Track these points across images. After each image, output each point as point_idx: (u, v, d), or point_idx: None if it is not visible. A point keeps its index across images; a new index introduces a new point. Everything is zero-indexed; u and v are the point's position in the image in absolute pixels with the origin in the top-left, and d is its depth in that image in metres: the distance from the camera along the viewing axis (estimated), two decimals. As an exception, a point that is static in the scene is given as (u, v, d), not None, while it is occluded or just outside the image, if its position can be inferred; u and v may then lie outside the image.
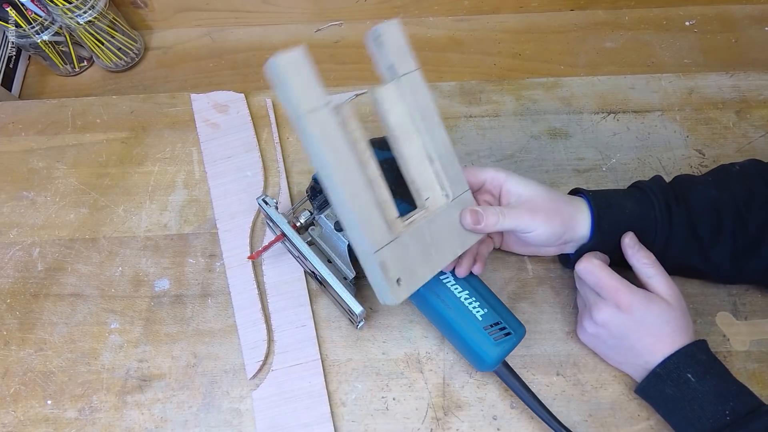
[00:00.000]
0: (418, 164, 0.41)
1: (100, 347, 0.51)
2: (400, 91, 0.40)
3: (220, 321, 0.52)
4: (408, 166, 0.41)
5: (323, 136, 0.34)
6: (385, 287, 0.37)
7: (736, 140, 0.59)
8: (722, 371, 0.43)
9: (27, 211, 0.58)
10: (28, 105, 0.65)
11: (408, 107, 0.41)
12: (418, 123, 0.41)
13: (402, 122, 0.40)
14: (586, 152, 0.59)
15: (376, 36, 0.39)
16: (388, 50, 0.39)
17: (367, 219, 0.36)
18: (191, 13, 0.72)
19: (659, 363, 0.43)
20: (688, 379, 0.42)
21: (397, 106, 0.40)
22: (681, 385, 0.42)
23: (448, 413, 0.47)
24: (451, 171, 0.43)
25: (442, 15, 0.73)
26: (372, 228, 0.37)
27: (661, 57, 0.69)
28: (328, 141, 0.35)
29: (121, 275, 0.54)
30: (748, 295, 0.51)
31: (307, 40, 0.73)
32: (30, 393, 0.49)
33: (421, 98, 0.41)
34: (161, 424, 0.48)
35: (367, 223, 0.36)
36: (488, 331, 0.43)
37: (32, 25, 0.64)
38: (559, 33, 0.72)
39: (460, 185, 0.43)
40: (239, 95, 0.63)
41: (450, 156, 0.43)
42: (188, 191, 0.59)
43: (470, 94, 0.63)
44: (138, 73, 0.72)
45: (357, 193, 0.36)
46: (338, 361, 0.50)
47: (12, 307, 0.53)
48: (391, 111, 0.40)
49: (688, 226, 0.45)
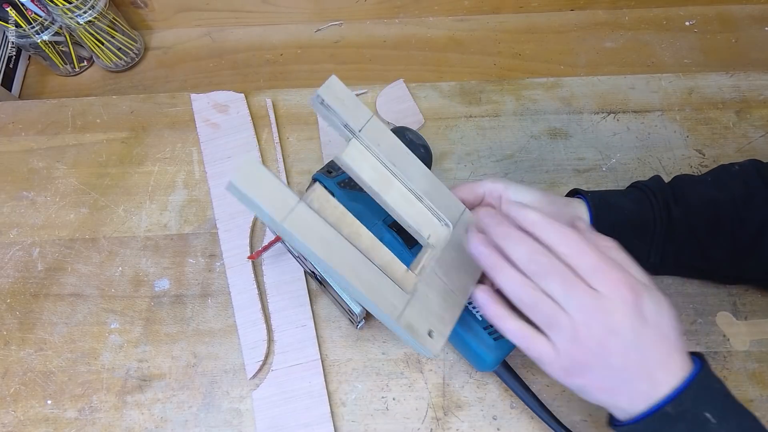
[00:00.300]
0: (409, 207, 0.41)
1: (100, 347, 0.51)
2: (364, 145, 0.39)
3: (220, 321, 0.52)
4: (399, 213, 0.40)
5: (308, 233, 0.34)
6: (420, 345, 0.37)
7: (736, 140, 0.59)
8: (737, 404, 0.34)
9: (27, 211, 0.58)
10: (28, 105, 0.65)
11: (376, 157, 0.40)
12: (392, 168, 0.40)
13: (376, 175, 0.40)
14: (586, 152, 0.59)
15: (319, 101, 0.38)
16: (336, 111, 0.38)
17: (378, 291, 0.36)
18: (191, 13, 0.72)
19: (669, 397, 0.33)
20: (706, 420, 0.32)
21: (366, 162, 0.39)
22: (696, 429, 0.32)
23: (448, 413, 0.47)
24: (441, 199, 0.42)
25: (442, 15, 0.73)
26: (386, 297, 0.36)
27: (661, 57, 0.69)
28: (314, 235, 0.34)
29: (121, 275, 0.54)
30: (748, 295, 0.51)
31: (307, 40, 0.73)
32: (30, 393, 0.49)
33: (385, 142, 0.40)
34: (161, 424, 0.48)
35: (380, 295, 0.36)
36: (488, 331, 0.43)
37: (32, 25, 0.64)
38: (559, 33, 0.72)
39: (455, 208, 0.42)
40: (239, 95, 0.63)
41: (435, 185, 0.42)
42: (188, 191, 0.59)
43: (470, 94, 0.63)
44: (138, 73, 0.72)
45: (360, 272, 0.35)
46: (338, 361, 0.50)
47: (12, 307, 0.53)
48: (362, 170, 0.39)
49: (687, 225, 0.45)
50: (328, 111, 0.38)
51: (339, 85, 0.38)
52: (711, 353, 0.48)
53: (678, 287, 0.51)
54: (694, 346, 0.48)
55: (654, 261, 0.47)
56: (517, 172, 0.58)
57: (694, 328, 0.49)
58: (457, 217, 0.42)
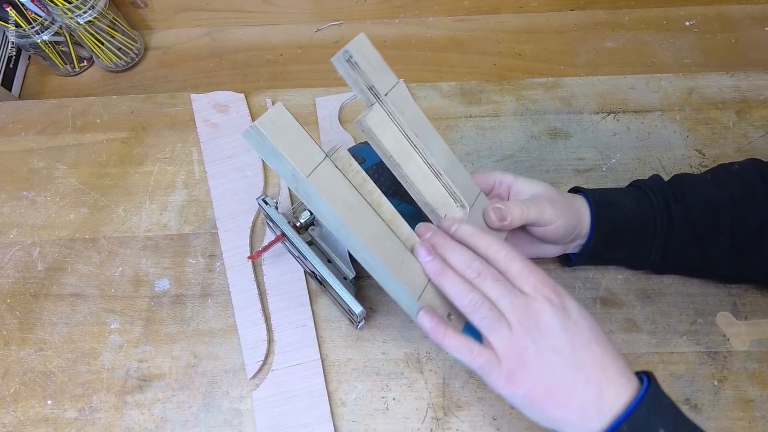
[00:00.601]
0: (427, 184, 0.39)
1: (100, 347, 0.51)
2: (387, 111, 0.37)
3: (220, 321, 0.52)
4: (417, 188, 0.38)
5: (332, 194, 0.31)
6: None
7: (736, 140, 0.59)
8: (688, 420, 0.34)
9: (27, 211, 0.58)
10: (28, 105, 0.65)
11: (399, 126, 0.38)
12: (414, 140, 0.38)
13: (398, 146, 0.37)
14: (586, 152, 0.59)
15: (346, 57, 0.35)
16: (363, 70, 0.35)
17: (400, 267, 0.34)
18: (191, 13, 0.72)
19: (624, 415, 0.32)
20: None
21: (388, 130, 0.37)
22: None
23: (448, 413, 0.47)
24: (459, 179, 0.40)
25: (442, 15, 0.73)
26: (408, 274, 0.35)
27: (661, 57, 0.69)
28: (339, 197, 0.31)
29: (121, 275, 0.54)
30: (748, 295, 0.51)
31: (307, 40, 0.73)
32: (30, 393, 0.49)
33: (409, 112, 0.38)
34: (161, 424, 0.48)
35: (402, 272, 0.34)
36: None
37: (32, 25, 0.64)
38: (559, 33, 0.72)
39: (472, 191, 0.41)
40: (239, 95, 0.63)
41: (454, 164, 0.40)
42: (188, 191, 0.59)
43: (470, 94, 0.63)
44: (138, 73, 0.72)
45: (383, 243, 0.33)
46: (338, 361, 0.50)
47: (12, 307, 0.53)
48: (383, 137, 0.36)
49: (687, 223, 0.45)
50: (355, 70, 0.35)
51: (367, 44, 0.36)
52: (711, 353, 0.48)
53: (678, 287, 0.51)
54: (694, 346, 0.48)
55: (655, 259, 0.47)
56: (517, 172, 0.58)
57: (694, 328, 0.49)
58: (473, 200, 0.41)
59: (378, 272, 0.35)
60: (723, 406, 0.46)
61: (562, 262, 0.52)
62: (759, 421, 0.45)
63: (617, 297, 0.51)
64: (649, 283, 0.51)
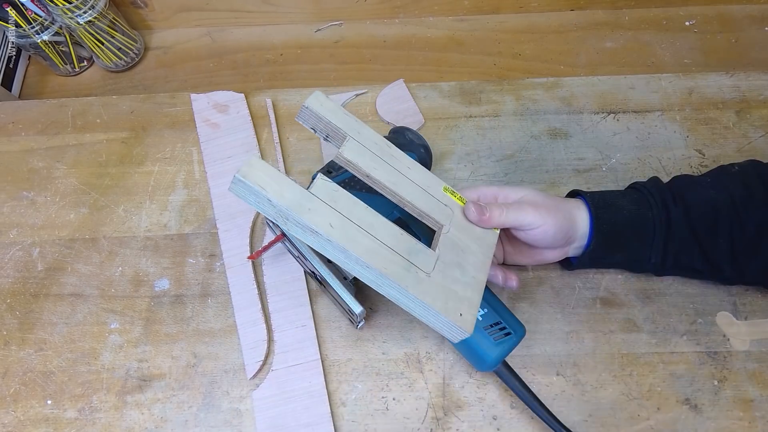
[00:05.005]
0: (420, 197, 0.42)
1: (100, 347, 0.51)
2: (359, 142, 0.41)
3: (220, 321, 0.52)
4: (414, 204, 0.41)
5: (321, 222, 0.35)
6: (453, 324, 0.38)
7: (736, 140, 0.59)
8: None
9: (27, 211, 0.58)
10: (28, 105, 0.65)
11: (371, 154, 0.41)
12: (388, 159, 0.42)
13: (383, 173, 0.41)
14: (586, 152, 0.59)
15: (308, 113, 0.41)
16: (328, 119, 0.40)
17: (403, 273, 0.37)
18: (191, 13, 0.72)
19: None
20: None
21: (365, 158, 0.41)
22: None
23: (448, 413, 0.47)
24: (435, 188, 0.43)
25: (442, 15, 0.73)
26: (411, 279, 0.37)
27: (661, 57, 0.69)
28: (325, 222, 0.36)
29: (121, 275, 0.54)
30: (748, 295, 0.51)
31: (307, 40, 0.73)
32: (30, 393, 0.49)
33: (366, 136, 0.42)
34: (161, 424, 0.48)
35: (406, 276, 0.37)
36: (488, 330, 0.43)
37: (32, 25, 0.64)
38: (559, 33, 0.72)
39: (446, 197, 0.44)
40: (239, 95, 0.63)
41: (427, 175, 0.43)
42: (188, 191, 0.59)
43: (470, 94, 0.63)
44: (138, 73, 0.72)
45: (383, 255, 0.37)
46: (338, 361, 0.50)
47: (12, 307, 0.53)
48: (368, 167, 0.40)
49: (687, 226, 0.45)
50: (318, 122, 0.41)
51: (323, 99, 0.41)
52: (711, 353, 0.48)
53: (678, 287, 0.51)
54: (694, 346, 0.48)
55: (655, 262, 0.47)
56: (517, 172, 0.58)
57: (694, 328, 0.49)
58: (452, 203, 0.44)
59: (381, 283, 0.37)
60: (723, 406, 0.46)
61: (563, 266, 0.52)
62: (759, 421, 0.45)
63: (617, 297, 0.51)
64: (649, 283, 0.51)
